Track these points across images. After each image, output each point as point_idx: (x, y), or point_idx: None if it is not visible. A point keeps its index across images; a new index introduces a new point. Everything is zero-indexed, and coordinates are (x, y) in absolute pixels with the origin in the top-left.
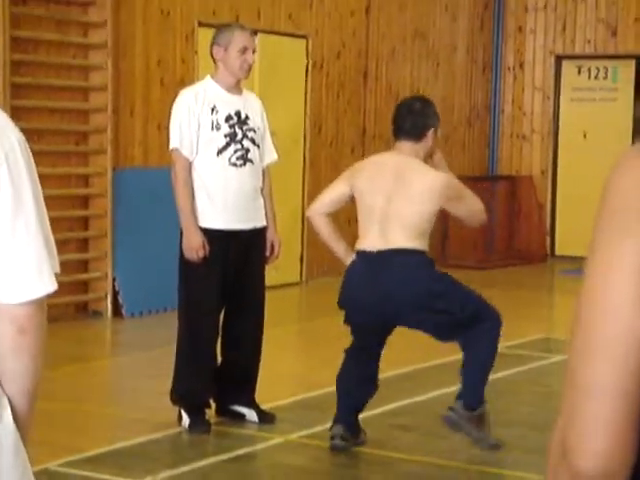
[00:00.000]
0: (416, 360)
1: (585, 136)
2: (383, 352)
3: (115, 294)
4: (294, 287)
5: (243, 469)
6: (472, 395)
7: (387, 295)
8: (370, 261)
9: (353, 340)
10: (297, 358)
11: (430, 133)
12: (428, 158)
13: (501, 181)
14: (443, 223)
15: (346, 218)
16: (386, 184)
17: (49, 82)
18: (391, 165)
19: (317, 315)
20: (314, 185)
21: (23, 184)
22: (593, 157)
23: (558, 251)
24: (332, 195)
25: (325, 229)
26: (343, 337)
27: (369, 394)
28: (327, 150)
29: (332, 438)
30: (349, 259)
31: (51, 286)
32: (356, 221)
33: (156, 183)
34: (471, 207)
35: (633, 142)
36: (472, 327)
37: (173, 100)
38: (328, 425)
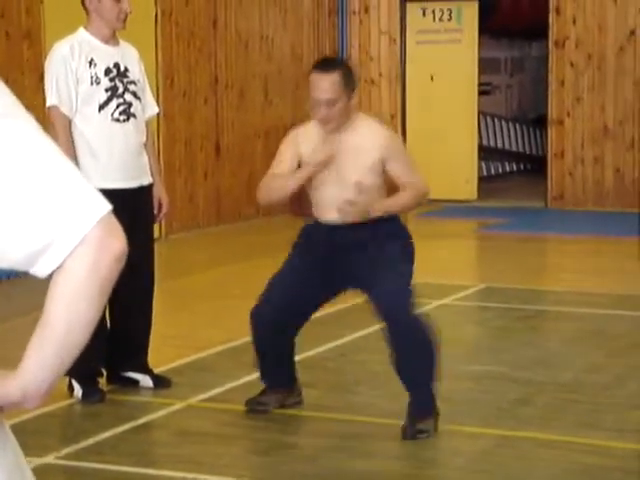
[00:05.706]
0: None
1: (432, 79)
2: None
3: None
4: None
5: (150, 439)
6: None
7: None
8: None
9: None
10: (177, 318)
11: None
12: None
13: None
14: None
15: None
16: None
17: None
18: None
19: (184, 272)
20: (169, 137)
21: None
22: (440, 99)
23: None
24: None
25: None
26: (217, 295)
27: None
28: (180, 101)
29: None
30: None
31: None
32: None
33: None
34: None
35: (479, 82)
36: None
37: (20, 53)
38: (226, 387)
